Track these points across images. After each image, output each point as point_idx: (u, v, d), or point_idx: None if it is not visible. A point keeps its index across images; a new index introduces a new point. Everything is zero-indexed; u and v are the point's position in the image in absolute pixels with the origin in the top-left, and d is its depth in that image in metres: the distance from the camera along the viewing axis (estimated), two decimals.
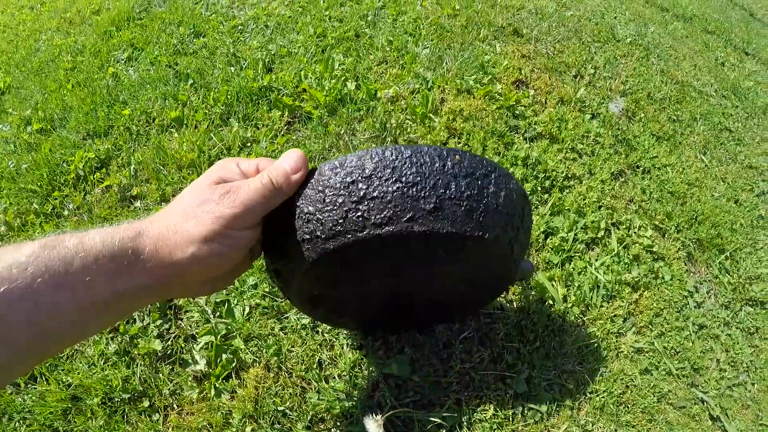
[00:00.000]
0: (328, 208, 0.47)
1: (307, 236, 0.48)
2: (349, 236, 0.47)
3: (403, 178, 0.47)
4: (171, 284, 0.46)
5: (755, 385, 0.91)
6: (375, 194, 0.46)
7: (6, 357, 0.37)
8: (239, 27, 1.61)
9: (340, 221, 0.47)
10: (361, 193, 0.47)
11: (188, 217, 0.45)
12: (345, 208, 0.47)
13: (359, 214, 0.46)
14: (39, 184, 1.13)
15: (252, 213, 0.46)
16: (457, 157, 0.49)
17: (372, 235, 0.47)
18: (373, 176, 0.47)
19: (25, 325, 0.37)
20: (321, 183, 0.48)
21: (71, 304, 0.39)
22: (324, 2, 1.71)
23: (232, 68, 1.38)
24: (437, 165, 0.48)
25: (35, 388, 0.76)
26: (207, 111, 1.24)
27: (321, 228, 0.47)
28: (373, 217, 0.46)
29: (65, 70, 1.61)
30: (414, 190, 0.47)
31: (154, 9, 1.85)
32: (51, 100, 1.45)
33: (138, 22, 1.78)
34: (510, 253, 0.55)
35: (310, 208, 0.48)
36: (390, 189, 0.46)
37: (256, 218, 0.48)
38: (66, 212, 1.06)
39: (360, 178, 0.47)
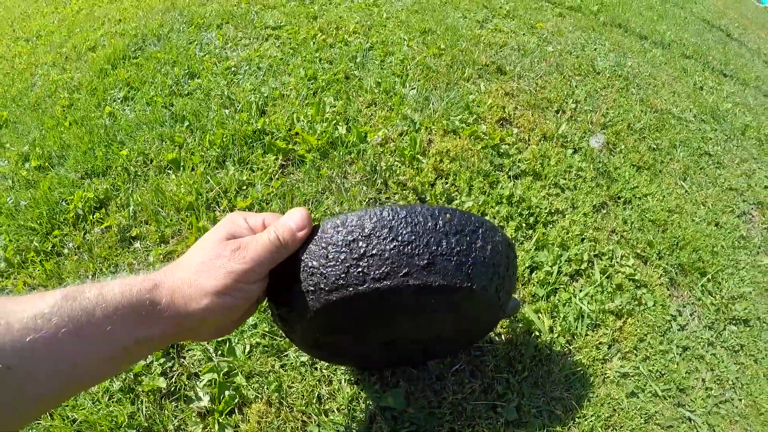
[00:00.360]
0: (332, 264, 0.51)
1: (312, 288, 0.52)
2: (351, 289, 0.51)
3: (400, 237, 0.51)
4: (184, 332, 0.49)
5: (742, 400, 0.92)
6: (374, 252, 0.50)
7: (29, 404, 0.39)
8: (232, 68, 1.64)
9: (343, 276, 0.51)
10: (362, 251, 0.51)
11: (201, 271, 0.48)
12: (347, 264, 0.51)
13: (360, 269, 0.50)
14: (38, 221, 1.13)
15: (260, 268, 0.50)
16: (448, 215, 0.54)
17: (371, 289, 0.50)
18: (372, 235, 0.51)
19: (50, 374, 0.39)
20: (324, 240, 0.52)
21: (93, 353, 0.42)
22: (314, 44, 1.75)
23: (226, 110, 1.40)
24: (430, 224, 0.52)
25: (40, 424, 0.76)
26: (203, 153, 1.25)
27: (324, 281, 0.51)
28: (372, 273, 0.50)
29: (62, 107, 1.61)
30: (409, 248, 0.51)
31: (149, 48, 1.88)
32: (49, 137, 1.44)
33: (133, 61, 1.80)
34: (497, 301, 0.60)
35: (314, 263, 0.52)
36: (388, 247, 0.51)
37: (264, 272, 0.51)
38: (66, 251, 1.06)
39: (360, 236, 0.51)
